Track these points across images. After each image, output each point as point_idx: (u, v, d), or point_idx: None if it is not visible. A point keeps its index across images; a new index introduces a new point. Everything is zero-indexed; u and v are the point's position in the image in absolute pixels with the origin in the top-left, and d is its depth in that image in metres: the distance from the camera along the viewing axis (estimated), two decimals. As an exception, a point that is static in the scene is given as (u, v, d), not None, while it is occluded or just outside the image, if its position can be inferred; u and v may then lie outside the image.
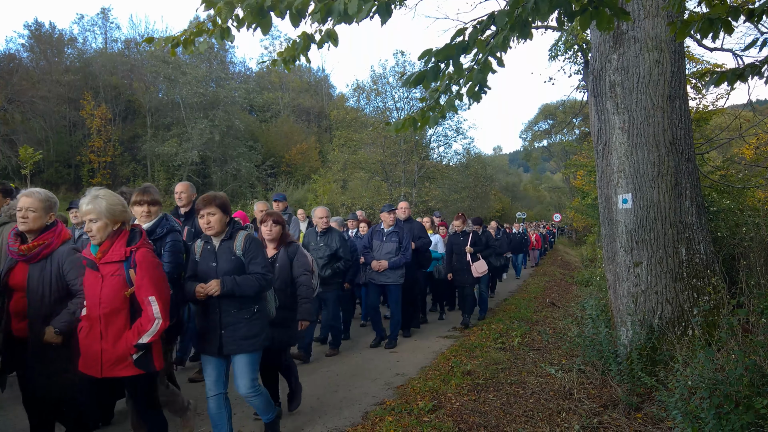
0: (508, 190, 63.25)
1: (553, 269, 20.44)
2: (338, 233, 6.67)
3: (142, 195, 3.90)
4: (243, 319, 3.61)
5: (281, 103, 50.29)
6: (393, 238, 7.20)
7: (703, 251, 5.19)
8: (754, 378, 3.49)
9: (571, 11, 2.37)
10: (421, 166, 32.93)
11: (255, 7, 2.45)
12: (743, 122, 8.84)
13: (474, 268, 8.68)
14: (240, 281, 3.53)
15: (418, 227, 8.22)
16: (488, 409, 4.62)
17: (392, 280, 7.15)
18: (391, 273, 7.12)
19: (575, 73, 14.47)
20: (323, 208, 6.77)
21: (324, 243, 6.52)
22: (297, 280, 4.65)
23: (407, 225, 7.93)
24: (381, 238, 7.30)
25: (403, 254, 7.15)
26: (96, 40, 43.78)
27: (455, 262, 8.89)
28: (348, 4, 2.31)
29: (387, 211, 7.35)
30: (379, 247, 7.24)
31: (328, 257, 6.43)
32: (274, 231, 4.74)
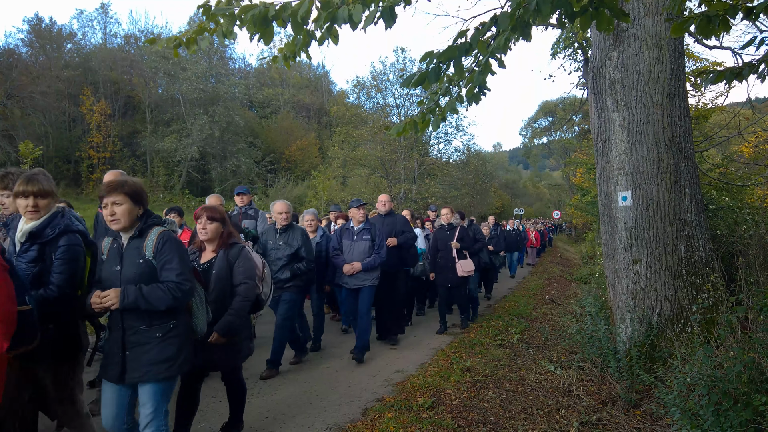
0: (508, 187, 63.26)
1: (552, 266, 20.45)
2: (300, 231, 5.94)
3: (27, 184, 3.11)
4: (153, 338, 2.92)
5: (281, 99, 50.22)
6: (365, 237, 6.50)
7: (702, 249, 5.21)
8: (753, 375, 3.51)
9: (571, 12, 2.38)
10: (421, 163, 32.93)
11: (258, 17, 2.46)
12: (742, 120, 8.85)
13: (459, 267, 7.92)
14: (147, 292, 2.84)
15: (400, 221, 7.55)
16: (487, 406, 4.64)
17: (367, 282, 6.46)
18: (364, 275, 6.42)
19: (575, 70, 14.47)
20: (283, 202, 5.98)
21: (284, 241, 5.80)
22: (235, 289, 3.80)
23: (389, 219, 7.44)
24: (351, 237, 6.56)
25: (377, 253, 6.45)
26: (95, 35, 43.69)
27: (439, 259, 8.16)
28: (352, 11, 2.32)
29: (356, 207, 6.61)
30: (350, 248, 6.51)
31: (288, 257, 5.74)
32: (209, 229, 3.83)
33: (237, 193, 7.42)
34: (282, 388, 5.14)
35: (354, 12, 2.33)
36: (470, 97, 2.76)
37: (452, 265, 7.96)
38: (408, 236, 7.44)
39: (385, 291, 7.01)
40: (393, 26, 2.47)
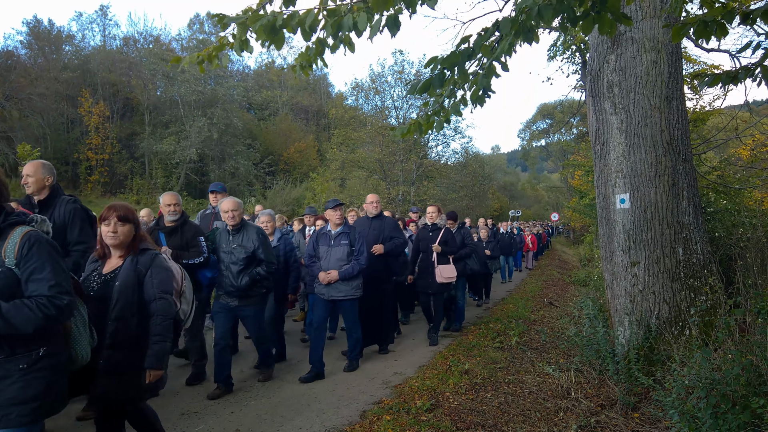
0: (506, 189, 63.42)
1: (550, 269, 20.46)
2: (256, 230, 5.33)
3: None
4: (15, 371, 2.33)
5: (279, 101, 50.28)
6: (343, 241, 5.82)
7: (700, 251, 5.22)
8: (751, 378, 3.52)
9: (573, 16, 2.39)
10: (419, 165, 32.96)
11: (268, 26, 2.48)
12: (740, 123, 8.87)
13: (439, 272, 7.22)
14: (7, 310, 2.24)
15: (389, 225, 6.80)
16: (486, 409, 4.64)
17: (345, 293, 5.77)
18: (343, 285, 5.75)
19: (573, 73, 14.58)
20: (232, 199, 5.32)
21: (238, 243, 5.21)
22: (150, 306, 3.12)
23: (376, 223, 6.74)
24: (328, 242, 5.88)
25: (356, 260, 5.77)
26: (94, 37, 43.79)
27: (420, 262, 7.58)
28: (357, 19, 2.34)
29: (332, 208, 5.89)
30: (327, 254, 5.83)
31: (244, 261, 5.17)
32: (120, 232, 3.14)
33: (211, 191, 6.88)
34: (280, 391, 5.13)
35: (359, 20, 2.35)
36: (475, 99, 2.79)
37: (432, 269, 7.32)
38: (396, 243, 6.68)
39: (370, 300, 6.41)
40: (397, 34, 2.49)
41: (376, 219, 6.79)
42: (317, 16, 2.47)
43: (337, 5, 2.47)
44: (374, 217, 6.80)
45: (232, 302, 5.22)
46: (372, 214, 6.81)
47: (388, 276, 6.77)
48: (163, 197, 5.29)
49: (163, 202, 5.27)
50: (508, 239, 16.65)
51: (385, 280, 6.66)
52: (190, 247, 5.17)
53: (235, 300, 5.20)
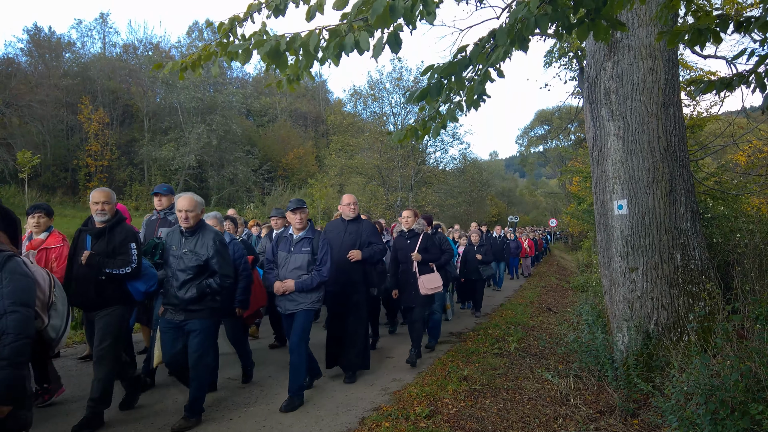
0: (505, 195, 63.52)
1: (549, 274, 20.46)
2: (213, 235, 4.49)
3: None
4: None
5: (278, 107, 50.45)
6: (304, 248, 5.07)
7: (698, 257, 5.23)
8: (750, 384, 3.52)
9: (569, 24, 2.41)
10: (417, 171, 33.04)
11: (271, 51, 2.51)
12: (737, 129, 8.92)
13: (421, 283, 6.50)
14: None
15: (367, 230, 6.03)
16: (485, 415, 4.64)
17: (302, 305, 5.02)
18: (300, 297, 5.01)
19: (570, 79, 14.63)
20: (187, 197, 4.50)
21: (189, 248, 4.42)
22: None
23: (353, 227, 6.02)
24: (288, 247, 5.15)
25: (317, 271, 5.03)
26: (94, 44, 44.06)
27: (401, 273, 6.80)
28: (358, 38, 2.36)
29: (292, 210, 5.17)
30: (286, 261, 5.11)
31: (193, 270, 4.37)
32: None
33: (154, 193, 5.97)
34: (279, 397, 5.12)
35: (360, 39, 2.37)
36: (470, 103, 2.81)
37: (414, 280, 6.57)
38: (375, 249, 5.94)
39: (342, 315, 5.84)
40: (399, 52, 2.51)
41: (352, 222, 6.07)
42: (320, 36, 2.49)
43: (338, 26, 2.49)
44: (351, 221, 6.07)
45: (177, 317, 4.43)
46: (348, 216, 6.07)
47: (366, 286, 6.02)
48: (92, 194, 4.49)
49: (91, 199, 4.46)
50: (500, 245, 15.76)
51: (360, 291, 5.89)
52: (118, 254, 4.35)
53: (181, 314, 4.41)
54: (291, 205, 5.21)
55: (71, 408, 4.70)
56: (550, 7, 2.32)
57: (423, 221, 6.98)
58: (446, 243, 7.33)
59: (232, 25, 2.75)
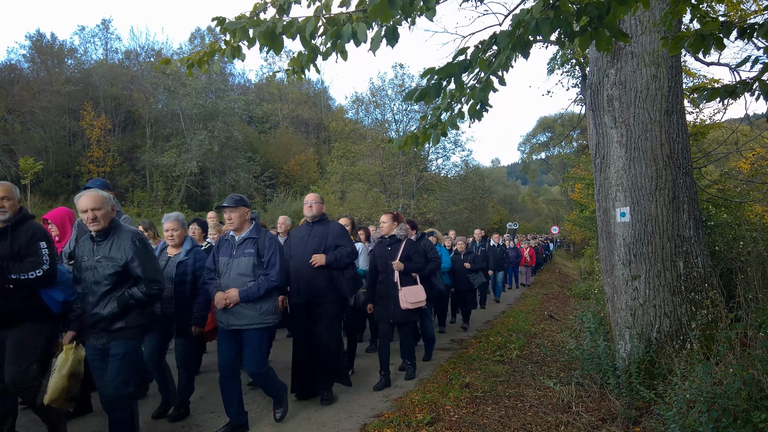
0: (506, 202, 63.53)
1: (551, 282, 20.42)
2: (131, 235, 3.71)
3: None
4: None
5: (280, 114, 50.58)
6: (248, 250, 4.35)
7: (701, 265, 5.21)
8: (752, 392, 3.50)
9: (571, 32, 2.42)
10: (419, 178, 33.10)
11: (267, 32, 2.51)
12: (740, 136, 8.91)
13: (403, 296, 5.80)
14: None
15: (334, 231, 5.36)
16: (487, 422, 4.62)
17: (249, 320, 4.25)
18: (247, 309, 4.25)
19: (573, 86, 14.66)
20: (91, 194, 3.70)
21: (103, 255, 3.63)
22: None
23: (318, 229, 5.35)
24: (230, 252, 4.42)
25: (264, 275, 4.31)
26: (96, 51, 44.16)
27: (379, 284, 6.08)
28: (356, 29, 2.37)
29: (229, 206, 4.39)
30: (227, 268, 4.36)
31: (111, 278, 3.60)
32: None
33: (86, 187, 4.63)
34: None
35: (358, 30, 2.37)
36: (472, 113, 2.80)
37: (394, 292, 5.88)
38: (343, 252, 5.20)
39: (307, 330, 5.23)
40: (395, 45, 2.51)
41: (317, 224, 5.40)
42: (317, 23, 2.50)
43: (336, 14, 2.50)
44: (316, 223, 5.41)
45: (99, 341, 3.65)
46: (310, 218, 5.43)
47: (336, 295, 5.26)
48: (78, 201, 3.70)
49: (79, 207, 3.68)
50: (499, 253, 14.81)
51: (328, 301, 5.18)
52: (25, 256, 3.70)
53: (103, 336, 3.63)
54: (228, 201, 4.41)
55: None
56: (553, 12, 2.32)
57: (406, 226, 6.27)
58: (432, 251, 6.64)
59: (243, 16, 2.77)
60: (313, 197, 5.46)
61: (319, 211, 5.43)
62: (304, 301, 5.18)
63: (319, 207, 5.44)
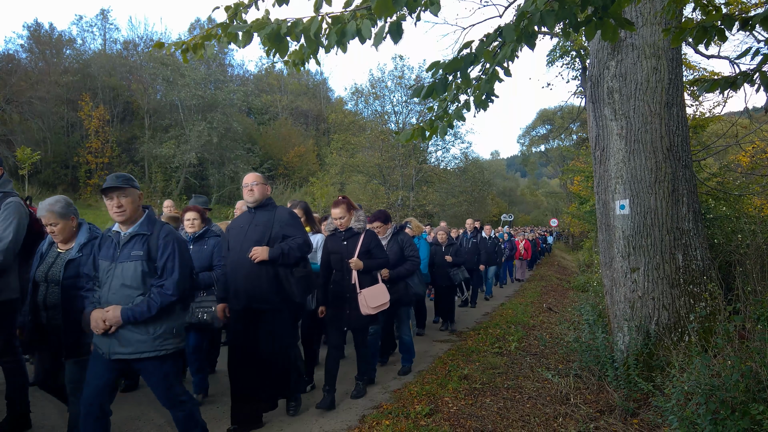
0: (506, 194, 63.57)
1: (549, 274, 20.45)
2: None
3: None
4: None
5: (279, 105, 50.45)
6: (135, 251, 3.21)
7: (700, 258, 5.22)
8: (750, 384, 3.51)
9: (576, 22, 2.41)
10: (418, 170, 33.08)
11: (272, 34, 2.49)
12: (740, 129, 8.90)
13: (362, 299, 4.86)
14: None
15: (281, 219, 4.35)
16: (485, 414, 4.63)
17: (137, 348, 3.15)
18: (135, 333, 3.15)
19: (573, 78, 14.63)
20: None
21: None
22: None
23: (262, 215, 4.34)
24: (111, 253, 3.26)
25: (157, 287, 3.18)
26: (95, 41, 44.01)
27: (332, 285, 5.07)
28: (361, 26, 2.35)
29: (117, 188, 3.21)
30: (108, 275, 3.23)
31: None
32: None
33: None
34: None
35: (362, 27, 2.36)
36: (478, 103, 2.80)
37: (351, 295, 4.92)
38: (292, 245, 4.21)
39: (250, 344, 4.21)
40: (399, 41, 2.50)
41: (260, 211, 4.38)
42: (321, 23, 2.48)
43: (340, 13, 2.49)
44: (258, 208, 4.39)
45: None
46: (252, 203, 4.38)
47: (281, 300, 4.25)
48: None
49: None
50: (491, 246, 13.56)
51: (273, 306, 4.22)
52: None
53: None
54: (110, 180, 3.24)
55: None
56: (557, 3, 2.31)
57: (363, 216, 5.17)
58: (411, 247, 5.94)
59: (237, 11, 2.74)
60: (253, 177, 4.41)
61: (262, 194, 4.39)
62: (244, 306, 4.18)
63: (262, 189, 4.40)
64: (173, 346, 3.28)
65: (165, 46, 2.88)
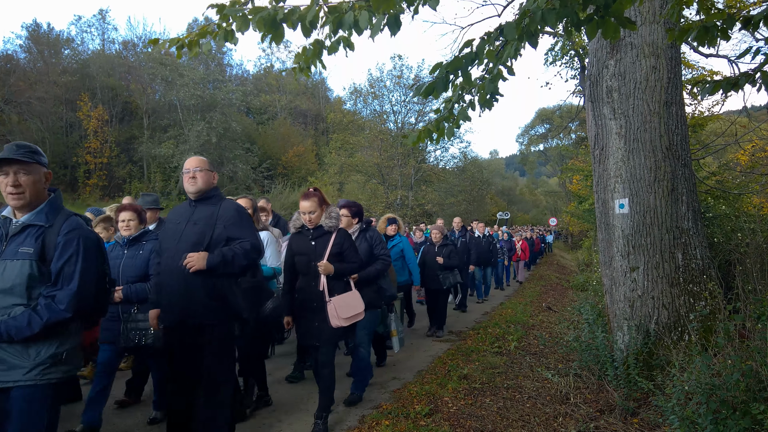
0: (505, 194, 63.54)
1: (549, 273, 20.45)
2: None
3: None
4: None
5: (278, 105, 50.41)
6: (24, 247, 2.46)
7: (700, 256, 5.21)
8: (751, 383, 3.51)
9: (577, 21, 2.40)
10: (417, 170, 33.08)
11: (268, 19, 2.46)
12: (739, 128, 8.90)
13: (332, 309, 4.10)
14: None
15: (228, 216, 3.51)
16: (485, 414, 4.63)
17: (7, 375, 2.35)
18: (12, 354, 2.36)
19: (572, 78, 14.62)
20: None
21: None
22: None
23: (203, 210, 3.51)
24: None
25: (46, 301, 2.40)
26: (93, 41, 43.95)
27: (297, 292, 4.32)
28: (358, 17, 2.34)
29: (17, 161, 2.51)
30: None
31: None
32: None
33: None
34: (278, 394, 5.11)
35: (360, 18, 2.35)
36: (483, 103, 2.80)
37: (319, 304, 4.14)
38: (237, 251, 3.39)
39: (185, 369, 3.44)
40: (397, 33, 2.49)
41: (203, 204, 3.54)
42: (318, 12, 2.47)
43: (339, 3, 2.48)
44: (200, 201, 3.55)
45: None
46: (194, 193, 3.53)
47: (224, 316, 3.43)
48: None
49: None
50: (486, 246, 12.59)
51: (213, 324, 3.38)
52: None
53: None
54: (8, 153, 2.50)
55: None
56: (559, 2, 2.30)
57: (336, 212, 4.38)
58: (381, 245, 5.27)
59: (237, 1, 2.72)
60: (196, 162, 3.54)
61: (207, 183, 3.53)
62: (178, 322, 3.39)
63: (207, 177, 3.55)
64: (60, 375, 2.45)
65: (159, 43, 2.86)
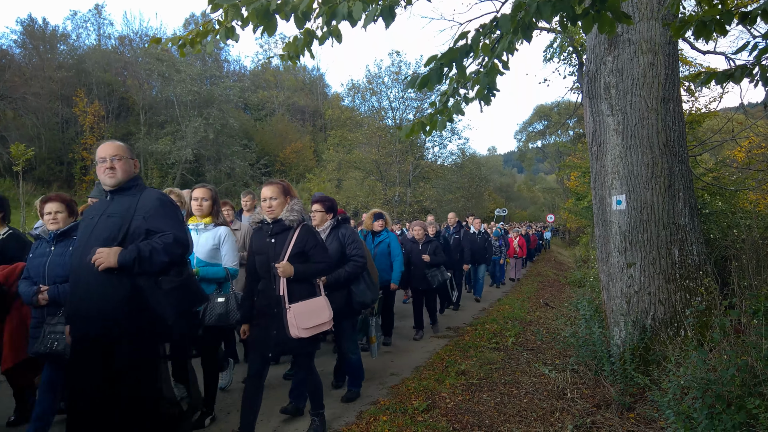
0: (503, 190, 63.61)
1: (546, 270, 20.48)
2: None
3: None
4: None
5: (276, 101, 50.28)
6: None
7: (696, 253, 5.23)
8: (746, 378, 3.53)
9: (573, 15, 2.40)
10: (415, 166, 33.05)
11: (261, 9, 2.45)
12: (735, 125, 8.91)
13: (292, 317, 3.61)
14: None
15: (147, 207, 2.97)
16: (482, 409, 4.64)
17: None
18: None
19: (570, 74, 14.63)
20: None
21: None
22: None
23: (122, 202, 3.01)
24: None
25: None
26: (89, 36, 43.70)
27: (257, 296, 3.86)
28: (352, 7, 2.34)
29: None
30: None
31: None
32: None
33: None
34: (277, 390, 5.11)
35: (354, 8, 2.34)
36: (481, 98, 2.80)
37: (279, 311, 3.65)
38: (156, 245, 2.83)
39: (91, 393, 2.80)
40: (392, 24, 2.49)
41: (120, 196, 3.03)
42: (311, 2, 2.46)
43: None
44: (117, 192, 3.03)
45: None
46: (111, 185, 3.01)
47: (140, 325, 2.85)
48: None
49: None
50: (481, 243, 12.05)
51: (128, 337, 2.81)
52: None
53: None
54: None
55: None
56: (554, -5, 2.30)
57: (299, 206, 3.86)
58: (355, 245, 4.76)
59: None
60: (113, 148, 3.03)
61: (126, 173, 3.04)
62: (88, 334, 2.83)
63: (127, 167, 3.05)
64: None
65: (162, 42, 2.85)
